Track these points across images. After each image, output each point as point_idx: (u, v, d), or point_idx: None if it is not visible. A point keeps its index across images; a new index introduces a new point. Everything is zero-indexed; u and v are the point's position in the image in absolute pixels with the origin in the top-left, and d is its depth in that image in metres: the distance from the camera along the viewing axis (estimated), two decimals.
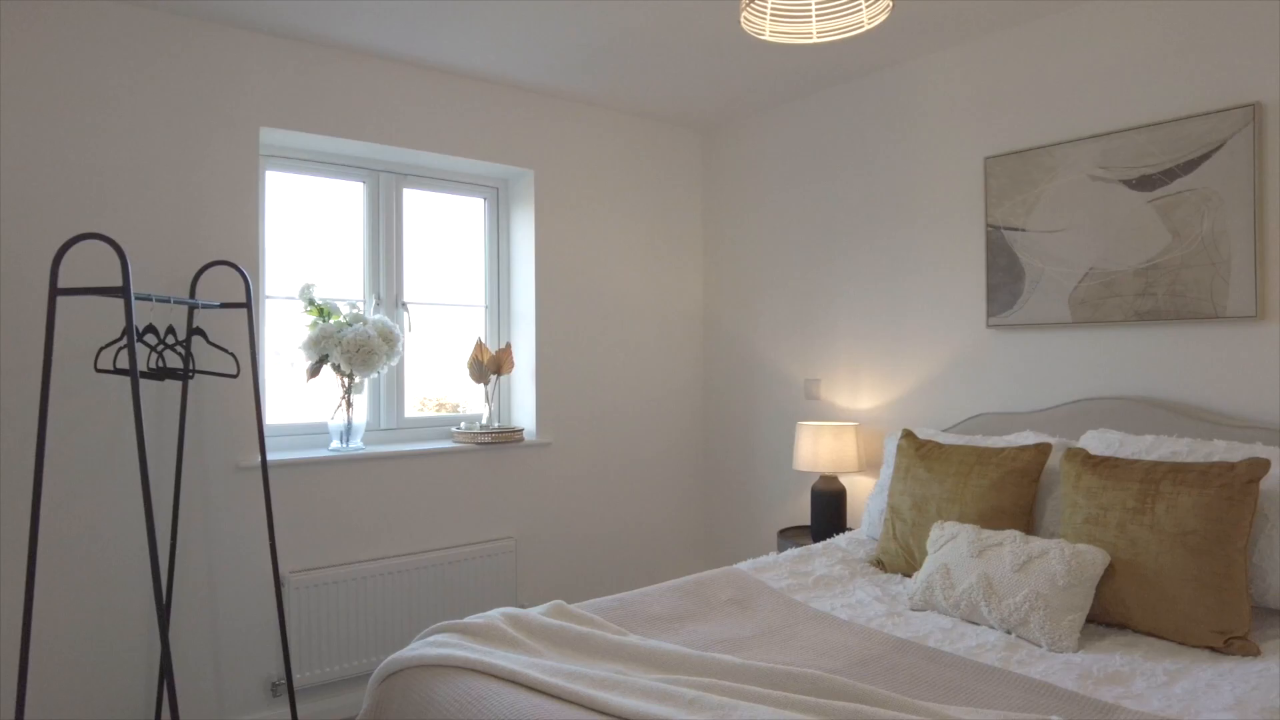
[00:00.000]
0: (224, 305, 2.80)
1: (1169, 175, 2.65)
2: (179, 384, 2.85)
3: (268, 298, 3.28)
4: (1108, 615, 2.15)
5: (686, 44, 3.20)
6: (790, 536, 3.51)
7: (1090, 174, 2.83)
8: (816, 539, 3.36)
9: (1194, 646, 2.00)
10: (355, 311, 3.33)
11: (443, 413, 3.78)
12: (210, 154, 2.94)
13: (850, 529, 3.40)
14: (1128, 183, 2.74)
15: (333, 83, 3.20)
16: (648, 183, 4.17)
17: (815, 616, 2.25)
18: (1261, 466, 2.05)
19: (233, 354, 2.85)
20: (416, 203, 3.68)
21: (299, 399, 3.38)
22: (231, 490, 2.98)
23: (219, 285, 2.96)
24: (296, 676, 3.01)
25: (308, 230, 3.41)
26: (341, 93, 3.22)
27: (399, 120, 3.37)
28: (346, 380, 3.27)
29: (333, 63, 3.20)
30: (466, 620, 2.04)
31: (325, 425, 3.36)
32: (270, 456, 3.08)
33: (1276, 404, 2.45)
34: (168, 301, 2.55)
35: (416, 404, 3.72)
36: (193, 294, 2.84)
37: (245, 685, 2.97)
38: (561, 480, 3.83)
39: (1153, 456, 2.38)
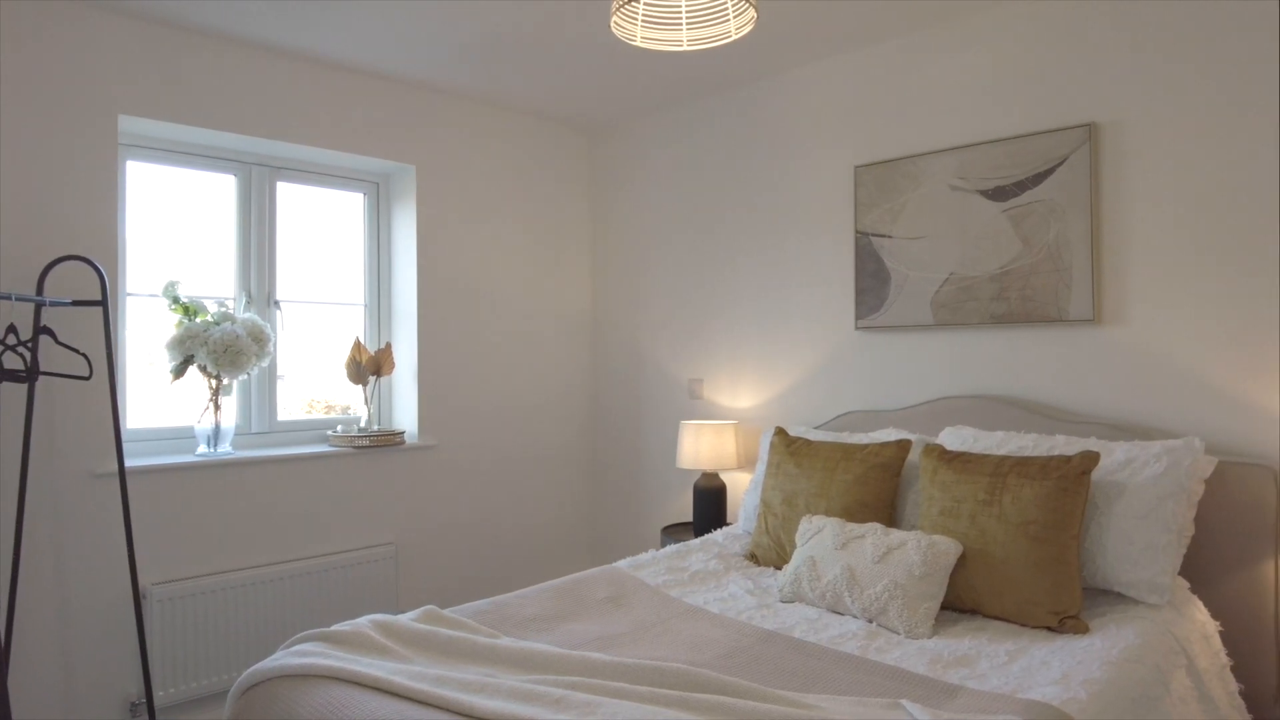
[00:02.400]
0: (76, 303, 2.64)
1: (1020, 187, 2.83)
2: (24, 387, 2.67)
3: (129, 295, 3.11)
4: (960, 602, 2.28)
5: (570, 44, 3.21)
6: (673, 533, 3.57)
7: (950, 184, 2.99)
8: (698, 535, 3.43)
9: (1034, 628, 2.15)
10: (224, 310, 3.19)
11: (332, 414, 3.68)
12: (62, 141, 2.76)
13: (730, 524, 3.49)
14: (984, 193, 2.91)
15: (200, 70, 3.06)
16: (534, 182, 4.16)
17: (688, 611, 2.30)
18: (1092, 459, 2.22)
19: (84, 354, 2.68)
20: (291, 197, 3.55)
21: (164, 402, 3.21)
22: (86, 499, 2.80)
23: (72, 282, 2.78)
24: (158, 694, 2.86)
25: (174, 224, 3.25)
26: (210, 81, 3.08)
27: (273, 112, 3.25)
28: (214, 382, 3.13)
29: (200, 50, 3.06)
30: (333, 628, 1.99)
31: (192, 429, 3.21)
32: (131, 462, 2.92)
33: (1111, 401, 2.66)
34: (9, 299, 2.38)
35: (303, 406, 3.61)
36: (40, 291, 2.66)
37: (101, 706, 2.81)
38: (445, 483, 3.77)
39: (1002, 451, 2.54)
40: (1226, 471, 2.36)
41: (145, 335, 3.16)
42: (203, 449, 3.14)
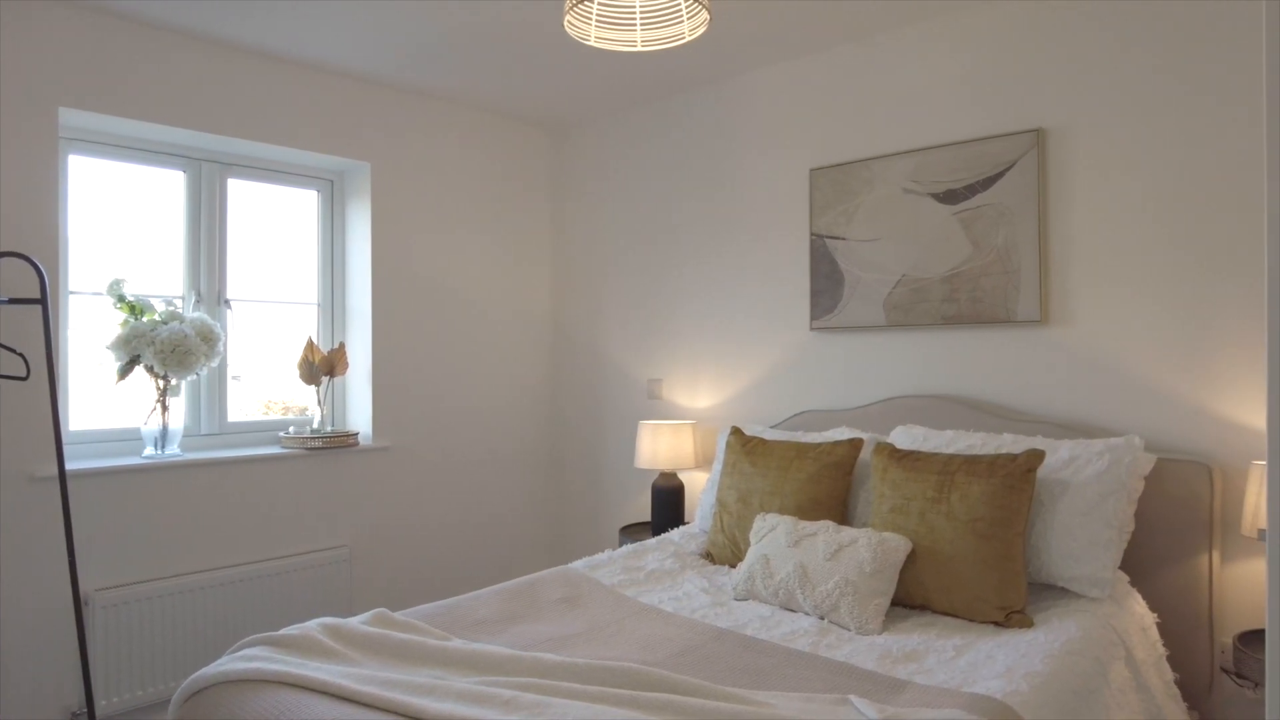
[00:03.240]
0: (12, 301, 2.56)
1: (970, 190, 2.88)
2: None
3: (72, 293, 3.03)
4: (910, 598, 2.32)
5: (531, 42, 3.20)
6: (631, 533, 3.57)
7: (903, 187, 3.03)
8: (656, 534, 3.43)
9: (981, 623, 2.19)
10: (172, 309, 3.13)
11: (290, 416, 3.62)
12: None
13: (687, 523, 3.50)
14: (936, 196, 2.96)
15: (147, 64, 2.99)
16: (495, 180, 4.14)
17: (642, 610, 2.31)
18: (1037, 457, 2.27)
19: (21, 354, 2.60)
20: (243, 194, 3.49)
21: (110, 403, 3.13)
22: (25, 503, 2.72)
23: (10, 279, 2.71)
24: (100, 703, 2.79)
25: (120, 221, 3.17)
26: (157, 75, 3.02)
27: (223, 107, 3.18)
28: (161, 383, 3.06)
29: (147, 42, 2.99)
30: (280, 632, 1.96)
31: (139, 431, 3.14)
32: (74, 465, 2.85)
33: (1057, 400, 2.72)
34: None
35: (260, 408, 3.55)
36: None
37: (41, 717, 2.73)
38: (401, 485, 3.73)
39: (951, 450, 2.58)
40: (1164, 468, 2.43)
41: (89, 334, 3.09)
42: (149, 451, 3.07)
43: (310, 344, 3.46)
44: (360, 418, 3.69)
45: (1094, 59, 2.65)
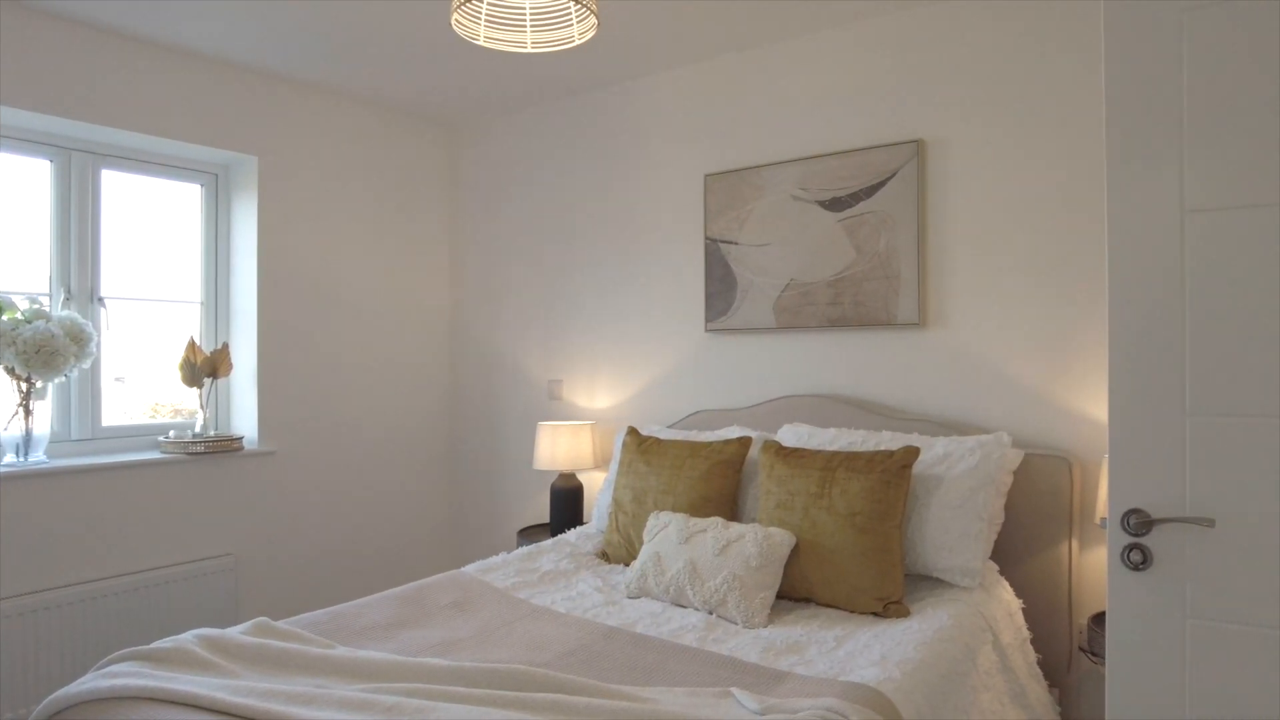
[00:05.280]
0: None
1: (855, 198, 2.99)
2: None
3: None
4: (795, 591, 2.39)
5: (424, 38, 3.15)
6: (530, 535, 3.56)
7: (792, 194, 3.13)
8: (555, 535, 3.43)
9: (861, 613, 2.28)
10: (37, 307, 2.95)
11: (179, 419, 3.47)
12: None
13: (586, 524, 3.51)
14: (822, 203, 3.06)
15: (4, 42, 2.80)
16: (390, 177, 4.05)
17: (534, 612, 2.31)
18: (912, 453, 2.38)
19: None
20: (118, 186, 3.31)
21: None
22: None
23: None
24: None
25: None
26: (18, 56, 2.83)
27: (95, 94, 3.01)
28: (25, 385, 2.88)
29: (4, 18, 2.80)
30: (152, 645, 1.88)
31: None
32: None
33: (933, 399, 2.86)
34: None
35: (147, 411, 3.39)
36: None
37: None
38: (290, 491, 3.61)
39: (834, 447, 2.68)
40: (1031, 463, 2.58)
41: None
42: (10, 458, 2.88)
43: (192, 344, 3.32)
44: (245, 421, 3.55)
45: (967, 73, 2.79)
